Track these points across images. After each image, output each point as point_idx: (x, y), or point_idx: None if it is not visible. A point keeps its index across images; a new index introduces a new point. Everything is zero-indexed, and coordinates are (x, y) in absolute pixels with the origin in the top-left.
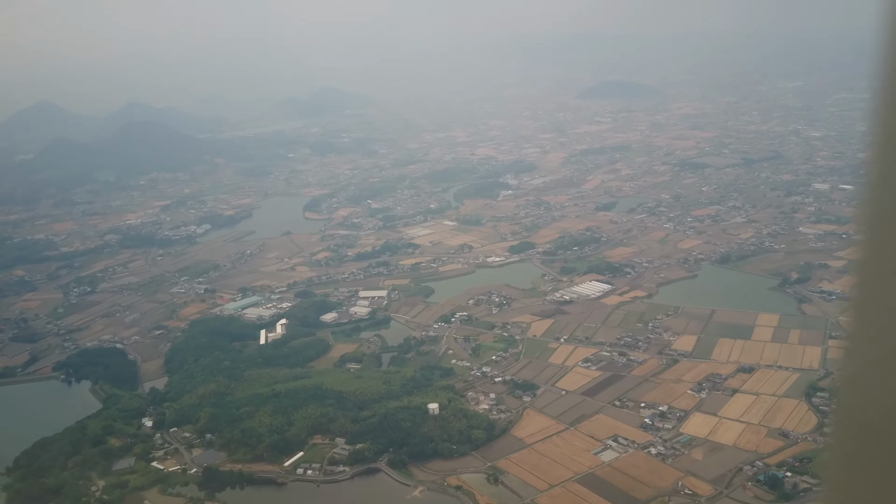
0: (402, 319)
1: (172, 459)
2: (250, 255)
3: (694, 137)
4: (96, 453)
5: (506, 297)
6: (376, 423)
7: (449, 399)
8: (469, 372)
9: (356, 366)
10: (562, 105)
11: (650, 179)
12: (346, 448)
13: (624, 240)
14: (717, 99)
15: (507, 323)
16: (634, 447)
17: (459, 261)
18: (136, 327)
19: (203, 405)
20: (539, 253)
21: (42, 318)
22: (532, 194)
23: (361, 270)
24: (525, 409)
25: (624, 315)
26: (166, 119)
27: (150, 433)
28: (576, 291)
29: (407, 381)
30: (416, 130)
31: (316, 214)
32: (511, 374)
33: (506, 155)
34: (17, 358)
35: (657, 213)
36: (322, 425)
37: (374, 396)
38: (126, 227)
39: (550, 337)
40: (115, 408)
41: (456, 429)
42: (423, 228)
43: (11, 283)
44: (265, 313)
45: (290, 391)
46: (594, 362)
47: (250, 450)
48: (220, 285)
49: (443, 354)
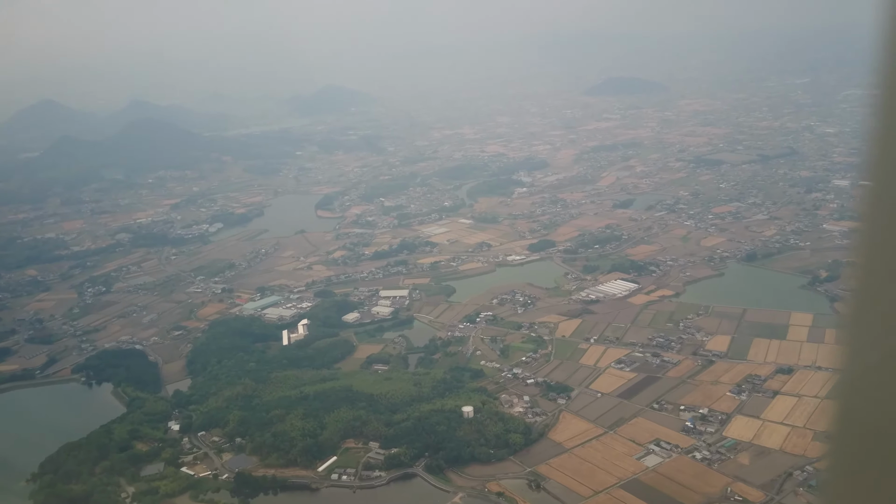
0: (425, 319)
1: (202, 464)
2: (265, 253)
3: (706, 134)
4: (124, 458)
5: (530, 297)
6: (410, 427)
7: (482, 402)
8: (499, 374)
9: (383, 367)
10: (569, 102)
11: (666, 176)
12: (380, 452)
13: (645, 237)
14: (726, 95)
15: (534, 323)
16: (678, 452)
17: (479, 259)
18: (155, 328)
19: (230, 408)
20: (559, 251)
21: (57, 318)
22: (547, 191)
23: (380, 269)
24: (561, 413)
25: (653, 315)
26: (171, 117)
27: (177, 437)
28: (601, 290)
29: (437, 384)
30: (423, 128)
31: (329, 213)
32: (543, 376)
33: (516, 152)
34: (34, 360)
35: (677, 211)
36: (355, 429)
37: (406, 399)
38: (137, 225)
39: (580, 337)
40: (140, 411)
41: (492, 433)
42: (439, 226)
43: (24, 283)
44: (286, 313)
45: (320, 394)
46: (627, 363)
47: (283, 454)
48: (236, 285)
49: (471, 355)
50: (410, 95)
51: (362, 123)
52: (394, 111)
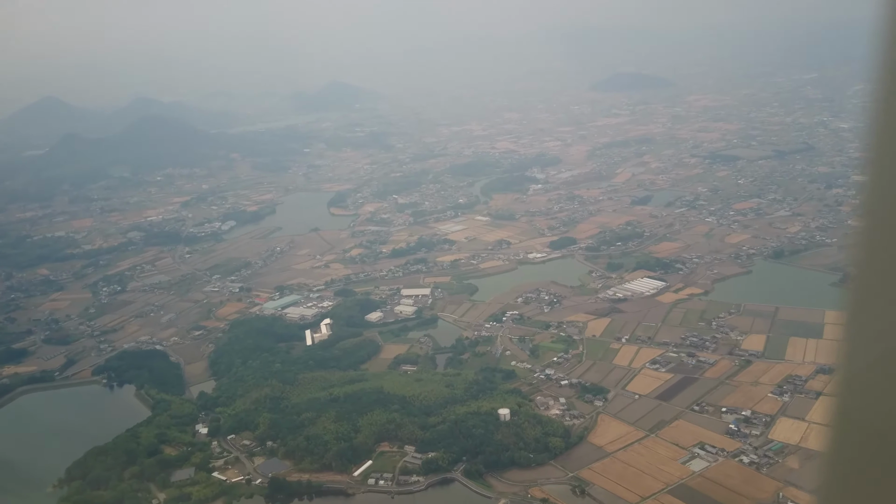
0: (449, 319)
1: (233, 469)
2: (280, 252)
3: (718, 129)
4: (153, 463)
5: (555, 295)
6: (447, 430)
7: (518, 404)
8: (531, 374)
9: (411, 368)
10: (575, 98)
11: (682, 172)
12: (417, 456)
13: (667, 234)
14: (734, 91)
15: (562, 322)
16: (724, 455)
17: (499, 257)
18: (174, 328)
19: (259, 410)
20: (581, 249)
21: (73, 318)
22: (562, 188)
23: (399, 268)
24: (599, 415)
25: (684, 313)
26: (175, 114)
27: (205, 441)
28: (628, 289)
29: (470, 385)
30: (430, 124)
31: (342, 210)
32: (577, 377)
33: (527, 148)
34: (52, 361)
35: (697, 207)
36: (389, 432)
37: (439, 401)
38: (148, 223)
39: (610, 337)
40: (166, 414)
41: (531, 436)
42: (456, 224)
43: (37, 282)
44: (307, 313)
45: (350, 396)
46: (662, 364)
47: (317, 458)
48: (254, 284)
49: (500, 356)
50: (415, 92)
51: (369, 120)
52: (400, 108)
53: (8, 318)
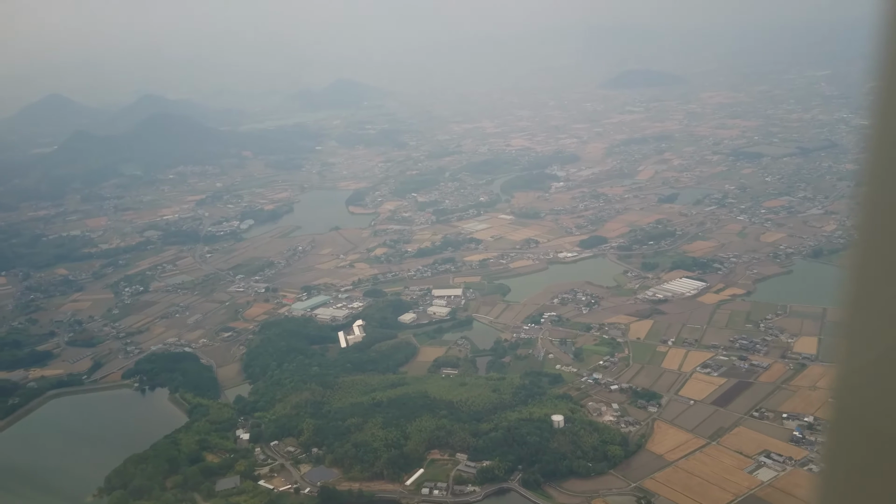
0: (484, 320)
1: (279, 477)
2: (303, 251)
3: (737, 126)
4: (196, 471)
5: (593, 296)
6: (500, 438)
7: (571, 410)
8: (578, 379)
9: (452, 371)
10: (587, 95)
11: (706, 170)
12: (470, 465)
13: (700, 233)
14: (748, 88)
15: (603, 324)
16: (792, 464)
17: (528, 256)
18: (201, 329)
19: (301, 416)
20: (612, 248)
21: (97, 319)
22: (585, 186)
23: (427, 267)
24: (654, 421)
25: (729, 315)
26: (183, 112)
27: (248, 447)
28: (667, 289)
29: (517, 390)
30: (441, 122)
31: (361, 209)
32: (626, 382)
33: (543, 146)
34: (79, 364)
35: (727, 205)
36: (439, 439)
37: (488, 406)
38: (164, 222)
39: (655, 339)
40: (205, 419)
41: (588, 444)
42: (479, 222)
43: (56, 282)
44: (338, 314)
45: (394, 400)
46: (714, 368)
47: (367, 466)
48: (278, 284)
49: (543, 359)
50: (422, 89)
51: (378, 118)
52: (408, 105)
53: (29, 319)
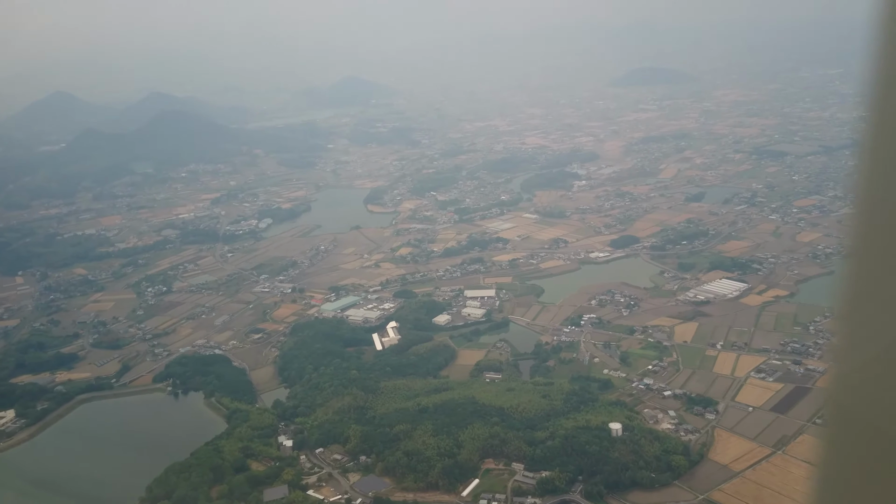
0: (521, 322)
1: (328, 486)
2: (325, 251)
3: (755, 125)
4: (242, 481)
5: (631, 297)
6: (558, 447)
7: (627, 418)
8: (629, 384)
9: (495, 375)
10: (597, 93)
11: (730, 168)
12: (528, 475)
13: (732, 233)
14: (761, 86)
15: (647, 326)
16: None
17: (559, 256)
18: (229, 330)
19: (345, 421)
20: (645, 247)
21: (121, 320)
22: (608, 184)
23: (456, 267)
24: (714, 429)
25: (775, 317)
26: (192, 109)
27: (292, 455)
28: (708, 291)
29: (568, 395)
30: (452, 120)
31: (380, 207)
32: (679, 387)
33: (558, 144)
34: (106, 367)
35: (757, 204)
36: (494, 447)
37: (540, 413)
38: (181, 221)
39: (703, 343)
40: (246, 425)
41: (650, 453)
42: (503, 222)
43: (75, 282)
44: (370, 315)
45: (440, 406)
46: (768, 373)
47: (421, 476)
48: (304, 284)
49: (589, 363)
50: (429, 88)
51: (388, 116)
52: (416, 103)
53: (51, 320)
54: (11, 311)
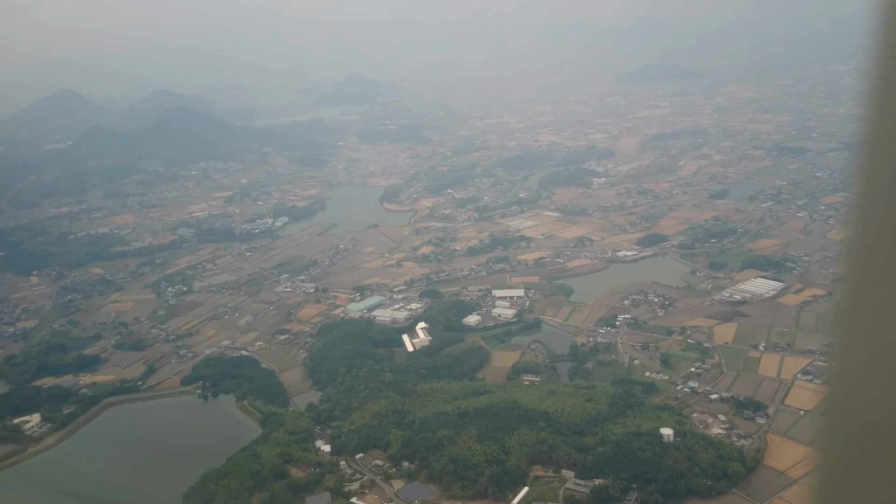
0: (553, 322)
1: (372, 494)
2: (345, 250)
3: (770, 121)
4: (283, 488)
5: (665, 297)
6: (610, 453)
7: (678, 422)
8: (673, 387)
9: (533, 378)
10: (606, 90)
11: (751, 165)
12: (580, 483)
13: (761, 231)
14: (772, 82)
15: (685, 327)
16: None
17: (585, 255)
18: (254, 331)
19: (384, 426)
20: (673, 246)
21: (143, 321)
22: (627, 181)
23: (481, 267)
24: (766, 434)
25: (816, 317)
26: (198, 107)
27: (332, 460)
28: (744, 290)
29: (613, 399)
30: (460, 117)
31: (396, 205)
32: (725, 391)
33: (572, 141)
34: (131, 369)
35: (783, 202)
36: (542, 454)
37: (586, 418)
38: (195, 220)
39: (745, 344)
40: (282, 429)
41: (705, 460)
42: (524, 220)
43: (92, 282)
44: (398, 315)
45: (481, 410)
46: (816, 375)
47: (469, 484)
48: (326, 283)
49: (629, 365)
50: (435, 85)
51: (395, 113)
52: (423, 100)
53: (70, 321)
54: (29, 312)
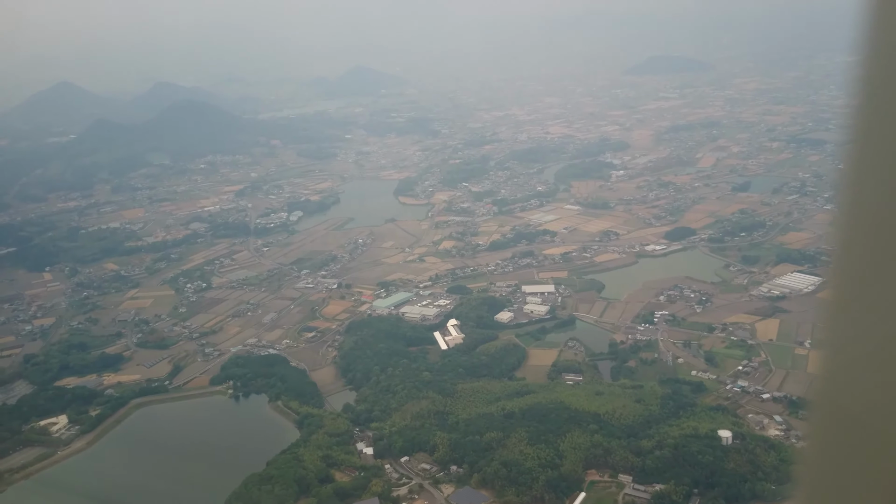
0: (588, 319)
1: (421, 499)
2: (364, 244)
3: (784, 113)
4: (330, 493)
5: (702, 293)
6: (669, 457)
7: (734, 424)
8: (722, 387)
9: (576, 377)
10: (614, 81)
11: (770, 157)
12: (639, 488)
13: (791, 224)
14: (781, 73)
15: (726, 324)
16: None
17: (612, 249)
18: (279, 329)
19: (427, 427)
20: (702, 240)
21: (164, 318)
22: (646, 174)
23: (507, 261)
24: None
25: None
26: (202, 100)
27: (376, 464)
28: (782, 285)
29: (664, 400)
30: (468, 109)
31: (412, 199)
32: (776, 390)
33: (584, 133)
34: (156, 368)
35: (808, 194)
36: (597, 458)
37: (639, 420)
38: (207, 214)
39: (789, 341)
40: (322, 431)
41: (768, 464)
42: (545, 213)
43: (107, 278)
44: (428, 312)
45: (527, 411)
46: None
47: (524, 489)
48: (349, 279)
49: (673, 364)
50: (440, 77)
51: (402, 105)
52: (429, 93)
53: (89, 318)
54: (45, 310)
